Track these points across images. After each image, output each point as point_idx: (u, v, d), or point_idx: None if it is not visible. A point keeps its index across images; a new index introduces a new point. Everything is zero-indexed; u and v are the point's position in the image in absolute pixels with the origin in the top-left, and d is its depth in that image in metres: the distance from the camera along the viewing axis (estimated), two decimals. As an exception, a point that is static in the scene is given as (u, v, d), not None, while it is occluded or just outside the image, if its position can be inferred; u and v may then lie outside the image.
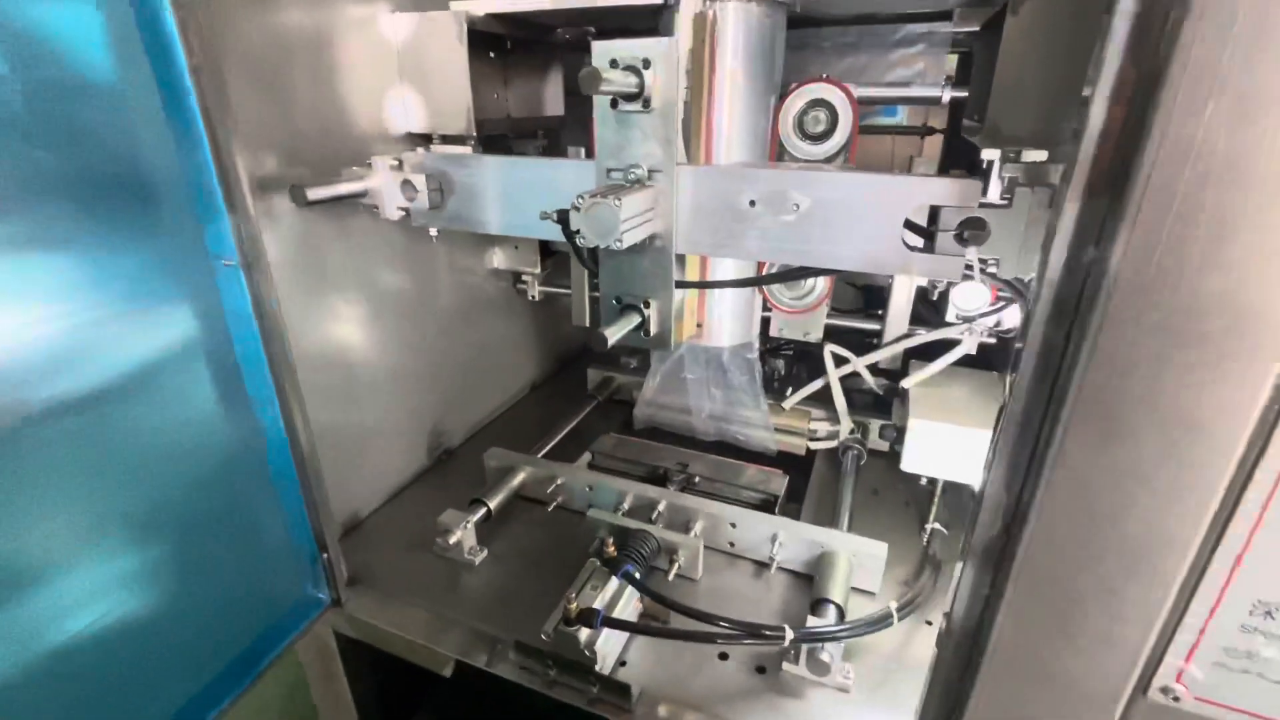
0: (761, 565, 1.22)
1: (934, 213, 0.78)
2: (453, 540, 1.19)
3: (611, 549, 1.03)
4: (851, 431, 1.52)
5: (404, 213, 1.10)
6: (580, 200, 0.80)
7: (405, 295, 1.42)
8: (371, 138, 1.25)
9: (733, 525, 1.21)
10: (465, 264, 1.62)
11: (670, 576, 1.14)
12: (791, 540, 1.17)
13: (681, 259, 0.98)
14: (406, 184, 1.07)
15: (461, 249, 1.59)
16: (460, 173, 1.03)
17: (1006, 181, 0.93)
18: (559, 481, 1.34)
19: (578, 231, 0.82)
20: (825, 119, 1.14)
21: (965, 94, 1.32)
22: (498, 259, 1.70)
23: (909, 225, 0.78)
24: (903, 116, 2.31)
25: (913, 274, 0.78)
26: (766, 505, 1.32)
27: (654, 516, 1.23)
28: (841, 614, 1.03)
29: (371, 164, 1.09)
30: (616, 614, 0.98)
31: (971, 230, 0.75)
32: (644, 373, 1.72)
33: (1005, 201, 0.74)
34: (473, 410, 1.72)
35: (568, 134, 1.68)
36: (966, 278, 0.76)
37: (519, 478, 1.36)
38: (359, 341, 1.31)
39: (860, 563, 1.13)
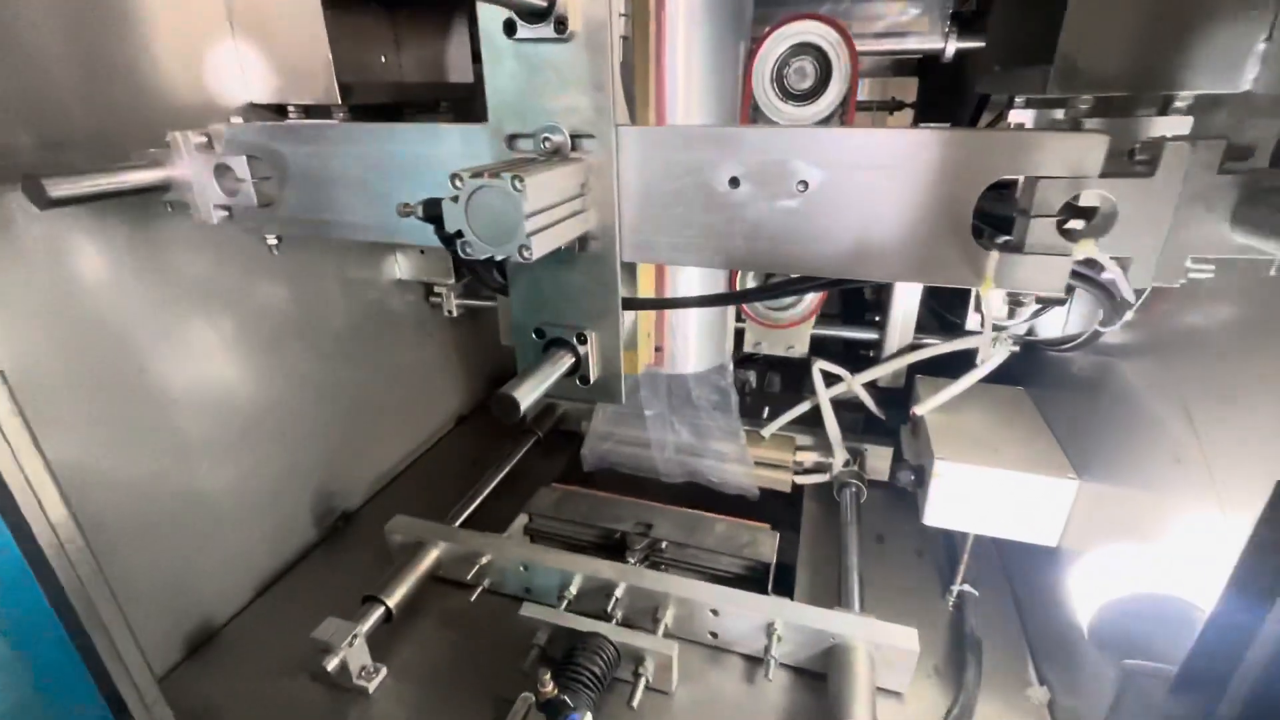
0: (754, 660, 0.93)
1: (1019, 188, 0.49)
2: (333, 666, 0.86)
3: (549, 686, 0.72)
4: (846, 463, 1.25)
5: (226, 213, 0.76)
6: (459, 182, 0.49)
7: (273, 317, 1.07)
8: (193, 112, 0.90)
9: (714, 612, 0.92)
10: (360, 275, 1.27)
11: (635, 698, 0.84)
12: (793, 630, 0.89)
13: (631, 267, 0.67)
14: (223, 170, 0.73)
15: (353, 256, 1.25)
16: (298, 150, 0.70)
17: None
18: (484, 560, 1.02)
19: (458, 234, 0.50)
20: (814, 70, 0.85)
21: (976, 44, 1.06)
22: (401, 267, 1.36)
23: (981, 211, 0.50)
24: (860, 94, 2.06)
25: (987, 286, 0.50)
26: (755, 576, 1.03)
27: (610, 607, 0.93)
28: (871, 745, 0.76)
29: (171, 142, 0.74)
30: (560, 790, 0.67)
31: (1085, 216, 0.47)
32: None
33: (1143, 166, 0.47)
34: (378, 459, 1.37)
35: (481, 107, 1.35)
36: (1081, 279, 0.48)
37: (431, 557, 1.03)
38: (201, 383, 0.96)
39: (884, 656, 0.86)
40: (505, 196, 0.48)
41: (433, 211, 0.52)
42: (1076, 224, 0.48)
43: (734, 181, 0.55)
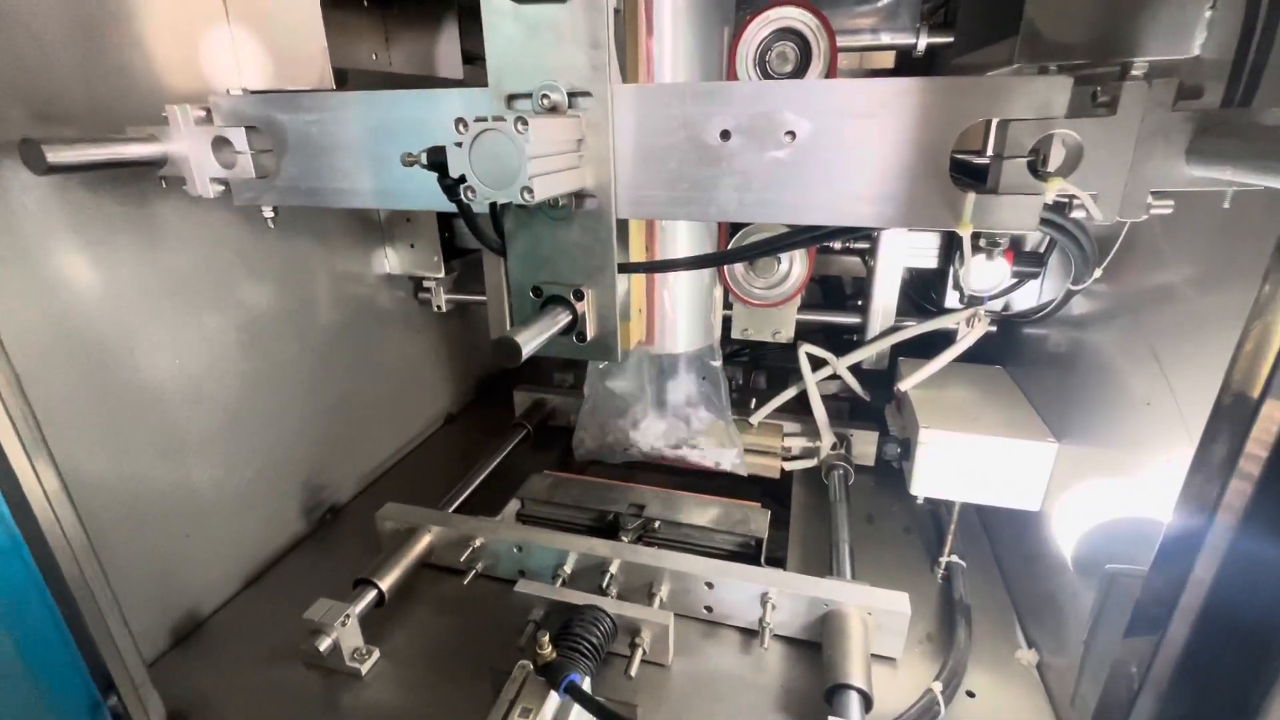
0: (749, 633, 0.94)
1: (992, 134, 0.53)
2: (325, 646, 0.85)
3: (547, 649, 0.72)
4: (834, 447, 1.27)
5: (222, 186, 0.77)
6: (463, 127, 0.51)
7: (261, 310, 1.07)
8: (185, 97, 0.90)
9: (709, 585, 0.93)
10: (348, 269, 1.28)
11: (633, 668, 0.84)
12: (787, 599, 0.90)
13: (624, 230, 0.69)
14: (220, 143, 0.74)
15: (342, 249, 1.26)
16: (298, 119, 0.71)
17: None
18: (477, 543, 1.02)
19: (461, 180, 0.52)
20: (794, 54, 0.89)
21: (946, 40, 1.12)
22: (391, 262, 1.37)
23: (956, 158, 0.53)
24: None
25: (965, 226, 0.53)
26: (748, 552, 1.04)
27: (605, 583, 0.93)
28: (868, 702, 0.76)
29: (168, 116, 0.75)
30: (561, 750, 0.67)
31: (1054, 155, 0.51)
32: (581, 391, 1.42)
33: (1103, 106, 0.51)
34: (367, 454, 1.36)
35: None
36: (1051, 225, 0.52)
37: (423, 542, 1.03)
38: (189, 374, 0.95)
39: (878, 621, 0.87)
40: (509, 139, 0.50)
41: (437, 158, 0.53)
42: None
43: (725, 134, 0.58)
